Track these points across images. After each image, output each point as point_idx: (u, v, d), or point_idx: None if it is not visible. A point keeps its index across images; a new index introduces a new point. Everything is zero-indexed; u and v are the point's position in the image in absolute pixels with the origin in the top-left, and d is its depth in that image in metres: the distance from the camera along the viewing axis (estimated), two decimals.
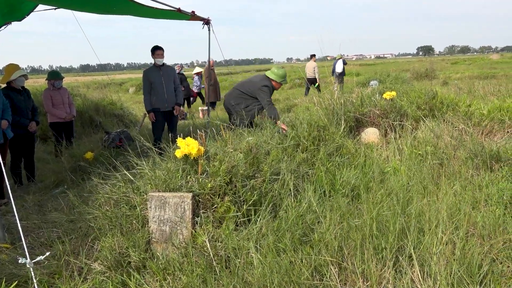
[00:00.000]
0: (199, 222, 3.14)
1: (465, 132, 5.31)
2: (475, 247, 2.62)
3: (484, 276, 2.47)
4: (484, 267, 2.50)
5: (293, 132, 4.75)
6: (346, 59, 16.83)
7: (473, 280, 2.41)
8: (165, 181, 3.32)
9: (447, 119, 5.61)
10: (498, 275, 2.51)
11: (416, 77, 19.66)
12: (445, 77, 19.47)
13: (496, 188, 3.51)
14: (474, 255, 2.53)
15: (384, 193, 3.51)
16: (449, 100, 6.36)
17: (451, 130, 5.13)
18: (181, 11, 6.25)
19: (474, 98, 7.22)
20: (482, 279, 2.46)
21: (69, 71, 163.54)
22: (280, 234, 2.94)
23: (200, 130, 3.63)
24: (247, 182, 3.41)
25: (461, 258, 2.52)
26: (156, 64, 6.42)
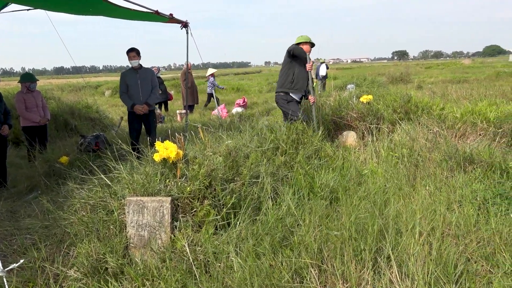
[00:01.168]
0: (178, 226, 3.11)
1: (439, 134, 5.44)
2: (450, 247, 2.69)
3: (459, 275, 2.53)
4: (459, 266, 2.56)
5: (272, 136, 4.76)
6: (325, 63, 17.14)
7: (449, 279, 2.46)
8: (143, 185, 3.28)
9: (422, 122, 5.74)
10: (473, 274, 2.57)
11: (392, 81, 20.06)
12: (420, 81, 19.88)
13: (469, 189, 3.60)
14: (450, 255, 2.59)
15: (362, 195, 3.55)
16: (424, 103, 6.51)
17: (426, 133, 5.24)
18: (159, 14, 6.21)
19: (448, 101, 7.42)
20: (457, 278, 2.51)
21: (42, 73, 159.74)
22: (260, 238, 2.94)
23: (178, 133, 3.60)
24: (226, 186, 3.40)
25: (437, 258, 2.57)
26: (134, 67, 6.33)
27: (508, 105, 7.16)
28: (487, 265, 2.65)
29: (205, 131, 4.24)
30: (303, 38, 5.94)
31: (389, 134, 5.66)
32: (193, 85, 13.28)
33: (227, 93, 23.07)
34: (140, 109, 6.24)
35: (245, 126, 5.61)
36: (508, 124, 5.55)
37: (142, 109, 6.26)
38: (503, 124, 5.60)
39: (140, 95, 6.30)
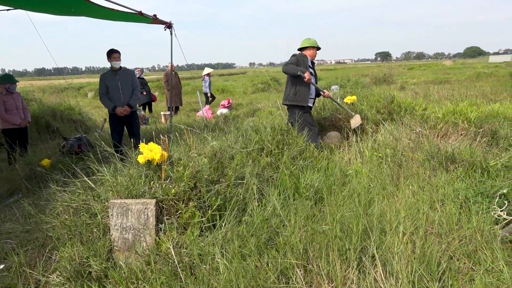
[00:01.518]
0: (163, 228, 3.09)
1: (422, 134, 5.51)
2: (433, 246, 2.72)
3: (442, 273, 2.57)
4: (442, 264, 2.60)
5: (257, 137, 4.76)
6: None
7: (432, 277, 2.50)
8: (127, 187, 3.24)
9: (405, 122, 5.81)
10: (455, 272, 2.61)
11: (375, 82, 20.26)
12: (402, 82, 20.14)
13: (451, 188, 3.66)
14: (433, 253, 2.63)
15: (346, 195, 3.58)
16: (407, 104, 6.60)
17: (409, 133, 5.31)
18: (143, 14, 6.16)
19: (430, 102, 7.53)
20: (441, 276, 2.55)
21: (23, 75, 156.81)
22: (246, 239, 2.93)
23: (163, 135, 3.57)
24: (211, 187, 3.39)
25: (421, 257, 2.61)
26: (113, 68, 6.24)
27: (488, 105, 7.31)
28: (469, 263, 2.69)
29: (190, 132, 4.22)
30: (309, 43, 5.79)
31: (373, 135, 5.71)
32: (178, 87, 13.19)
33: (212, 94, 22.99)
34: (122, 111, 6.16)
35: (230, 127, 5.61)
36: (488, 124, 5.66)
37: (123, 111, 6.18)
38: (483, 124, 5.70)
39: (121, 96, 6.21)
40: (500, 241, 2.86)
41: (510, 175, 3.75)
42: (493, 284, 2.46)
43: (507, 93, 11.43)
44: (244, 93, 22.46)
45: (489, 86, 13.10)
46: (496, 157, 4.23)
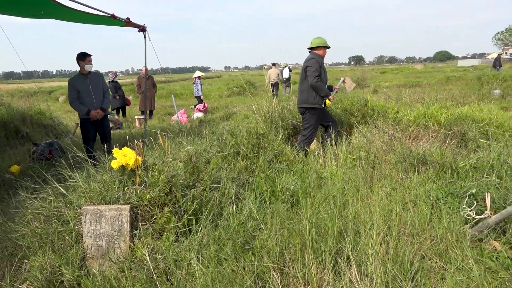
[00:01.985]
0: (138, 234, 3.05)
1: (395, 137, 5.63)
2: (406, 246, 2.78)
3: (415, 272, 2.62)
4: (415, 264, 2.66)
5: (233, 140, 4.76)
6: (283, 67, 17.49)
7: (405, 277, 2.55)
8: (101, 193, 3.19)
9: (378, 125, 5.92)
10: (427, 271, 2.67)
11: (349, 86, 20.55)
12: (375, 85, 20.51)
13: (423, 189, 3.75)
14: (406, 253, 2.69)
15: (322, 198, 3.62)
16: (380, 107, 6.73)
17: (381, 135, 5.41)
18: (116, 17, 6.07)
19: (402, 105, 7.69)
20: (413, 275, 2.61)
21: None
22: (222, 243, 2.93)
23: (137, 139, 3.52)
24: (187, 192, 3.36)
25: (394, 257, 2.66)
26: (83, 72, 6.10)
27: (457, 108, 7.54)
28: (441, 262, 2.76)
29: (165, 136, 4.18)
30: (321, 42, 5.69)
31: (347, 137, 5.79)
32: (151, 90, 13.05)
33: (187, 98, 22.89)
34: (96, 115, 6.05)
35: (205, 131, 5.59)
36: (457, 126, 5.83)
37: (97, 114, 6.07)
38: (452, 126, 5.87)
39: (93, 100, 6.09)
40: (469, 240, 2.94)
41: (478, 176, 3.86)
42: (464, 282, 2.53)
43: (475, 96, 11.82)
44: (220, 96, 22.44)
45: (458, 89, 13.52)
46: (465, 159, 4.36)
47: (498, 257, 2.80)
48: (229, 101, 17.84)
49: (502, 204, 3.26)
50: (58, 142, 7.29)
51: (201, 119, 11.25)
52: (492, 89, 13.13)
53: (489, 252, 2.86)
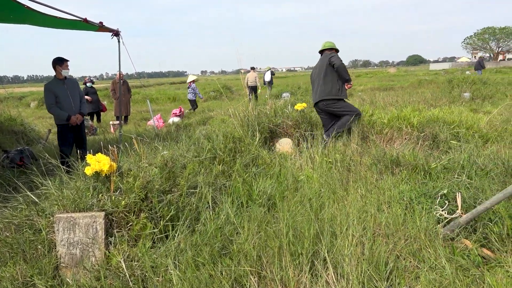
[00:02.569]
0: (113, 242, 3.00)
1: (369, 139, 5.73)
2: (381, 246, 2.83)
3: (390, 272, 2.67)
4: (390, 264, 2.71)
5: (209, 145, 4.75)
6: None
7: (381, 277, 2.59)
8: (74, 200, 3.12)
9: (353, 128, 6.01)
10: (402, 270, 2.73)
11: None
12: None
13: (397, 190, 3.82)
14: (381, 254, 2.73)
15: (298, 201, 3.64)
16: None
17: (356, 138, 5.49)
18: (88, 22, 5.98)
19: (376, 108, 7.84)
20: (388, 275, 2.66)
21: None
22: (199, 248, 2.91)
23: (112, 145, 3.47)
24: (163, 197, 3.33)
25: (369, 258, 2.70)
26: (59, 77, 5.99)
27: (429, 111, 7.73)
28: (415, 261, 2.82)
29: (140, 142, 4.13)
30: (333, 45, 6.14)
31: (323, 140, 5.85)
32: (126, 95, 12.88)
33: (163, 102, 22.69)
34: (76, 120, 5.96)
35: (182, 136, 5.55)
36: (429, 128, 5.98)
37: (77, 119, 5.98)
38: (425, 128, 6.02)
39: (72, 105, 5.99)
40: (442, 239, 3.02)
41: (450, 176, 3.97)
42: (437, 280, 2.59)
43: (446, 99, 12.15)
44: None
45: (430, 92, 13.86)
46: (436, 160, 4.47)
47: (469, 255, 2.88)
48: (206, 106, 17.77)
49: (472, 204, 3.36)
50: (30, 149, 7.09)
51: (178, 124, 11.17)
52: (462, 92, 13.51)
53: (461, 251, 2.94)
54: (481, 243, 3.04)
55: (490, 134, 6.11)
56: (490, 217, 3.18)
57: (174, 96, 24.79)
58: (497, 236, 3.03)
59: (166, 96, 25.00)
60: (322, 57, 6.20)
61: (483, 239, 3.07)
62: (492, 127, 6.43)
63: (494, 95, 13.03)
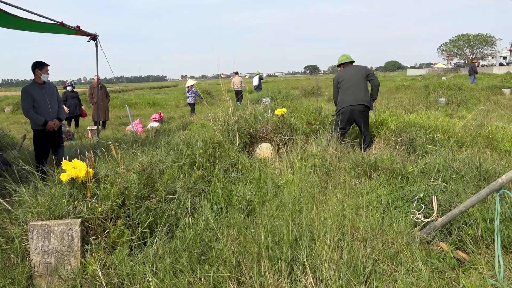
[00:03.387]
0: (90, 249, 2.94)
1: (348, 144, 5.79)
2: (359, 250, 2.86)
3: (368, 276, 2.70)
4: (367, 267, 2.73)
5: (189, 150, 4.72)
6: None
7: (359, 280, 2.61)
8: (49, 208, 3.05)
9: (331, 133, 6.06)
10: (380, 274, 2.76)
11: (304, 94, 20.98)
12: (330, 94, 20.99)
13: (375, 194, 3.87)
14: (359, 258, 2.75)
15: (277, 206, 3.65)
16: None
17: (335, 143, 5.54)
18: (65, 25, 5.88)
19: None
20: (367, 279, 2.68)
21: None
22: (178, 255, 2.88)
23: (89, 151, 3.41)
24: (141, 204, 3.29)
25: (348, 262, 2.72)
26: (38, 81, 5.88)
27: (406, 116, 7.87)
28: (392, 264, 2.86)
29: (118, 147, 4.07)
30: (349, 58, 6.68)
31: (304, 145, 5.89)
32: (104, 100, 12.69)
33: (142, 107, 22.45)
34: (53, 125, 5.84)
35: (161, 141, 5.50)
36: (406, 133, 6.09)
37: (54, 124, 5.86)
38: (402, 133, 6.13)
39: (49, 110, 5.88)
40: (418, 242, 3.07)
41: (426, 180, 4.05)
42: (413, 283, 2.63)
43: (422, 104, 12.40)
44: (176, 106, 22.20)
45: (407, 97, 14.11)
46: (413, 164, 4.55)
47: (445, 258, 2.94)
48: (186, 110, 17.67)
49: (447, 207, 3.43)
50: (3, 155, 6.91)
51: (157, 129, 11.06)
52: (438, 97, 13.82)
53: (437, 253, 2.99)
54: (456, 246, 3.11)
55: (465, 138, 6.26)
56: (465, 220, 3.26)
57: (154, 101, 24.56)
58: (471, 238, 3.10)
59: (145, 101, 24.75)
60: (351, 67, 6.55)
61: (458, 242, 3.14)
62: (467, 132, 6.59)
63: (469, 100, 13.37)
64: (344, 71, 6.52)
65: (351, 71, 6.45)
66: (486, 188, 2.74)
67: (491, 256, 2.94)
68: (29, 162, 4.06)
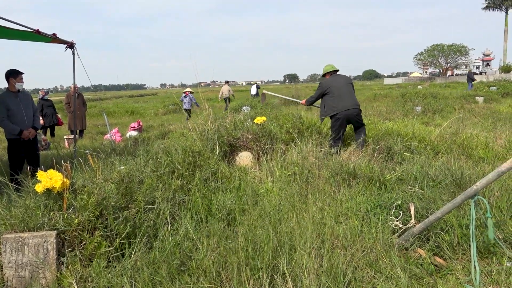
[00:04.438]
0: (65, 262, 2.86)
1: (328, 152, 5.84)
2: (339, 258, 2.87)
3: (348, 283, 2.71)
4: (347, 275, 2.74)
5: (168, 159, 4.67)
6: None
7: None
8: (23, 220, 2.97)
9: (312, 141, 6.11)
10: (359, 281, 2.77)
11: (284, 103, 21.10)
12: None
13: (354, 202, 3.91)
14: (339, 265, 2.77)
15: (258, 214, 3.64)
16: (313, 123, 6.96)
17: (315, 151, 5.57)
18: (41, 33, 5.78)
19: None
20: (347, 286, 2.69)
21: None
22: (157, 266, 2.84)
23: (65, 161, 3.34)
24: (119, 214, 3.24)
25: (328, 270, 2.73)
26: (12, 90, 5.75)
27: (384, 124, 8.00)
28: (371, 271, 2.88)
29: (96, 157, 4.00)
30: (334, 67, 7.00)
31: (284, 153, 5.91)
32: (81, 109, 12.49)
33: (121, 116, 22.20)
34: (28, 134, 5.71)
35: (139, 151, 5.44)
36: (384, 141, 6.19)
37: (30, 134, 5.74)
38: (380, 141, 6.23)
39: (25, 119, 5.76)
40: (397, 249, 3.11)
41: (404, 187, 4.11)
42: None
43: (399, 112, 12.64)
44: (155, 114, 22.03)
45: (385, 106, 14.37)
46: (391, 171, 4.62)
47: (422, 264, 2.98)
48: (165, 119, 17.56)
49: (425, 214, 3.49)
50: None
51: (136, 138, 10.93)
52: (415, 106, 14.11)
53: (415, 260, 3.03)
54: (433, 252, 3.15)
55: (441, 146, 6.40)
56: (442, 226, 3.32)
57: (133, 110, 24.33)
58: (448, 244, 3.15)
59: (124, 110, 24.50)
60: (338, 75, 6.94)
61: (435, 248, 3.19)
62: (442, 139, 6.74)
63: (444, 108, 13.69)
64: (333, 79, 6.82)
65: (340, 79, 6.79)
66: (461, 195, 2.80)
67: (467, 262, 3.00)
68: (3, 172, 3.95)
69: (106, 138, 11.56)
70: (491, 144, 6.57)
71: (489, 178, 2.65)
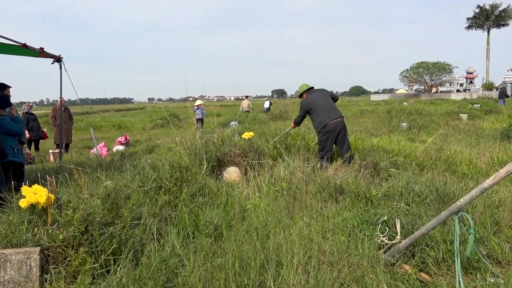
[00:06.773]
0: (49, 279, 2.81)
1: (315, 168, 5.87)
2: (326, 274, 2.87)
3: None
4: None
5: (155, 174, 4.65)
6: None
7: None
8: (6, 236, 2.92)
9: (300, 157, 6.14)
10: None
11: (272, 118, 21.23)
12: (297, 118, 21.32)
13: (341, 218, 3.93)
14: (325, 282, 2.77)
15: (245, 230, 3.63)
16: (301, 138, 7.01)
17: (302, 166, 5.60)
18: (28, 47, 5.76)
19: None
20: None
21: None
22: (143, 283, 2.80)
23: (50, 175, 3.31)
24: (105, 230, 3.20)
25: (315, 286, 2.73)
26: None
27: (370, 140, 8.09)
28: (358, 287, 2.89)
29: (82, 172, 3.97)
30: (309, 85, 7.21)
31: (272, 169, 5.92)
32: (67, 122, 12.38)
33: (108, 130, 22.04)
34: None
35: (126, 165, 5.40)
36: (370, 157, 6.25)
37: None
38: (366, 156, 6.29)
39: None
40: (383, 265, 3.12)
41: (390, 203, 4.15)
42: None
43: (385, 128, 12.79)
44: (143, 129, 21.91)
45: (371, 122, 14.55)
46: (377, 187, 4.66)
47: (408, 280, 3.00)
48: (153, 134, 17.49)
49: (410, 229, 3.52)
50: None
51: (123, 152, 10.85)
52: (400, 122, 14.31)
53: (401, 275, 3.05)
54: (419, 268, 3.18)
55: (426, 162, 6.49)
56: (427, 242, 3.35)
57: (120, 124, 24.19)
58: (433, 260, 3.18)
59: (111, 124, 24.34)
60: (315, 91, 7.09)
61: (421, 264, 3.21)
62: (427, 155, 6.84)
63: (429, 125, 13.90)
64: (311, 96, 6.92)
65: (319, 94, 6.92)
66: (446, 211, 2.84)
67: (452, 277, 3.02)
68: None
69: (93, 152, 11.44)
70: (474, 160, 6.68)
71: (472, 194, 2.70)
